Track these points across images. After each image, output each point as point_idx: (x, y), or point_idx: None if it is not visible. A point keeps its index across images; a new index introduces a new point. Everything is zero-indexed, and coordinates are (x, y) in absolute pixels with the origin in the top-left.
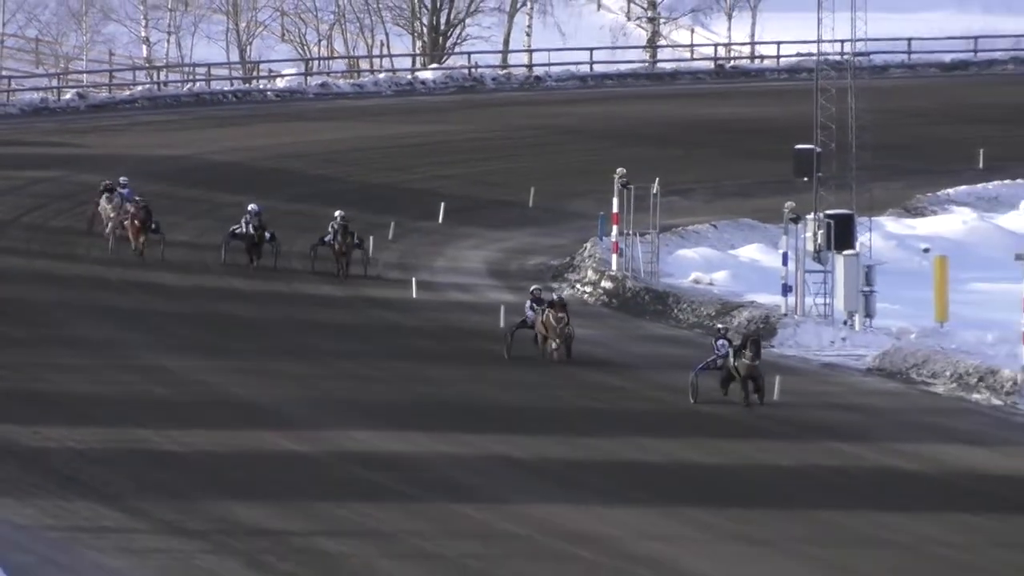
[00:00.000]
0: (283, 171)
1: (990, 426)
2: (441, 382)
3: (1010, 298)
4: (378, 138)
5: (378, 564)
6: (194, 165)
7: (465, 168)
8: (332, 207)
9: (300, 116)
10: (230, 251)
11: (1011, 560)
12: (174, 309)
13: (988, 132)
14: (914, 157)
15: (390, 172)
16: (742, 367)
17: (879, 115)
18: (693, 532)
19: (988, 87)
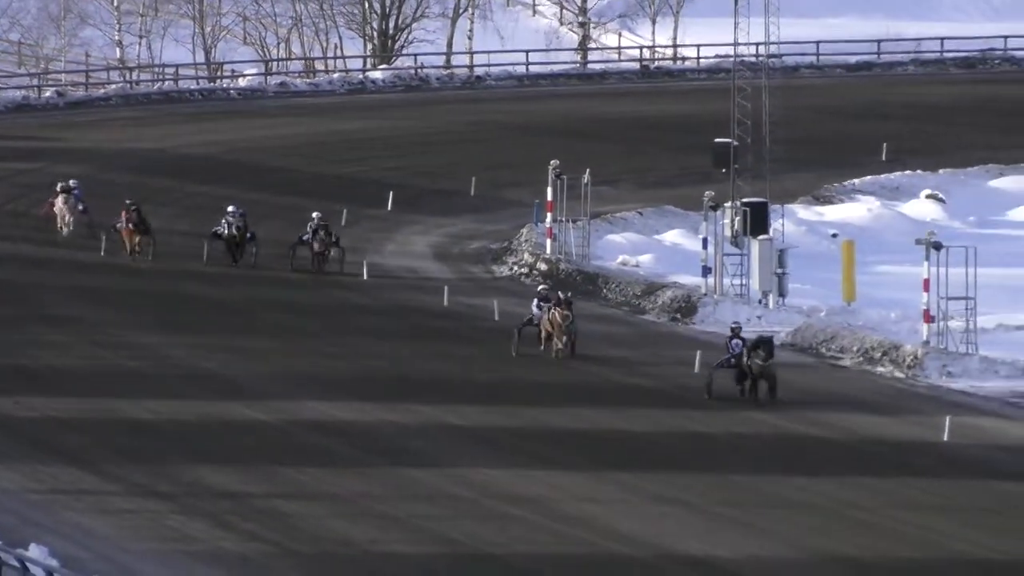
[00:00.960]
0: (245, 163)
1: (893, 397)
2: (391, 356)
3: (911, 280)
4: (332, 133)
5: (333, 524)
6: (163, 157)
7: (411, 160)
8: (290, 196)
9: (260, 113)
10: (212, 251)
11: (912, 520)
12: (146, 289)
13: (890, 127)
14: (823, 150)
15: (343, 164)
16: (755, 367)
17: (790, 112)
18: (623, 495)
19: (890, 86)
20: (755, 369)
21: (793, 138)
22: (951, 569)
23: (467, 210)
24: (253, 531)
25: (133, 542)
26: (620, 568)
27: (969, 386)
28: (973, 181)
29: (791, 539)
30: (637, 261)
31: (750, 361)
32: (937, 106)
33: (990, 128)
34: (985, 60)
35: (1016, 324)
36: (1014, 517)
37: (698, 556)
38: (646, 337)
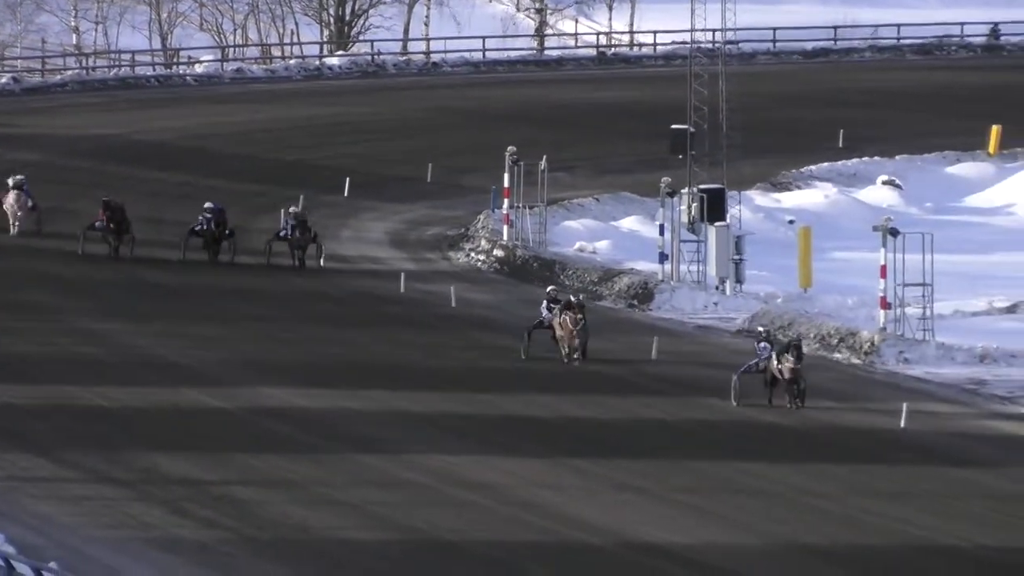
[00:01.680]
0: (202, 149)
1: (850, 383)
2: (347, 343)
3: (868, 266)
4: (289, 119)
5: (289, 511)
6: (120, 144)
7: (368, 146)
8: (247, 182)
9: (217, 99)
10: (189, 248)
11: (869, 506)
12: (105, 277)
13: (847, 114)
14: (779, 136)
15: (300, 150)
16: (786, 370)
17: (747, 98)
18: (578, 481)
19: (847, 73)
20: (786, 373)
21: (750, 125)
22: (908, 555)
23: (424, 196)
24: (210, 518)
25: (90, 529)
26: (577, 554)
27: (926, 372)
28: (930, 167)
29: (749, 525)
30: (594, 247)
31: (780, 365)
32: (894, 92)
33: (947, 114)
34: (942, 46)
35: (973, 310)
36: (970, 503)
37: (655, 542)
38: (603, 324)
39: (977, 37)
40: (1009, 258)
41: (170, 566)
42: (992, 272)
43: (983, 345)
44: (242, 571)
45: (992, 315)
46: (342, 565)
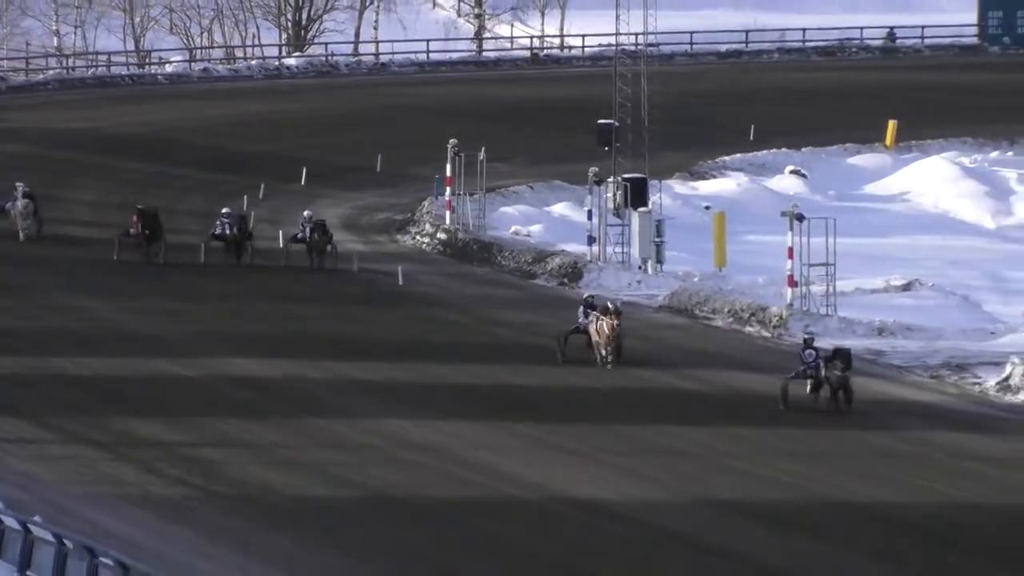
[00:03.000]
0: (172, 141)
1: (761, 354)
2: (306, 318)
3: (777, 248)
4: (251, 114)
5: (252, 470)
6: (97, 136)
7: (323, 139)
8: (213, 171)
9: (185, 96)
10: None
11: (781, 466)
12: (85, 258)
13: (757, 110)
14: (696, 130)
15: (261, 142)
16: (833, 377)
17: (667, 96)
18: (516, 443)
19: (757, 73)
20: (833, 380)
21: (669, 119)
22: (812, 508)
23: (374, 185)
24: (179, 476)
25: (70, 486)
26: (515, 509)
27: (829, 343)
28: (833, 158)
29: (671, 484)
30: (528, 231)
31: (828, 372)
32: (800, 91)
33: (848, 110)
34: (843, 48)
35: (871, 288)
36: (873, 463)
37: (585, 499)
38: (537, 300)
39: (875, 40)
40: (904, 240)
41: (143, 520)
42: (889, 253)
43: (881, 319)
44: (208, 525)
45: (889, 292)
46: (301, 519)
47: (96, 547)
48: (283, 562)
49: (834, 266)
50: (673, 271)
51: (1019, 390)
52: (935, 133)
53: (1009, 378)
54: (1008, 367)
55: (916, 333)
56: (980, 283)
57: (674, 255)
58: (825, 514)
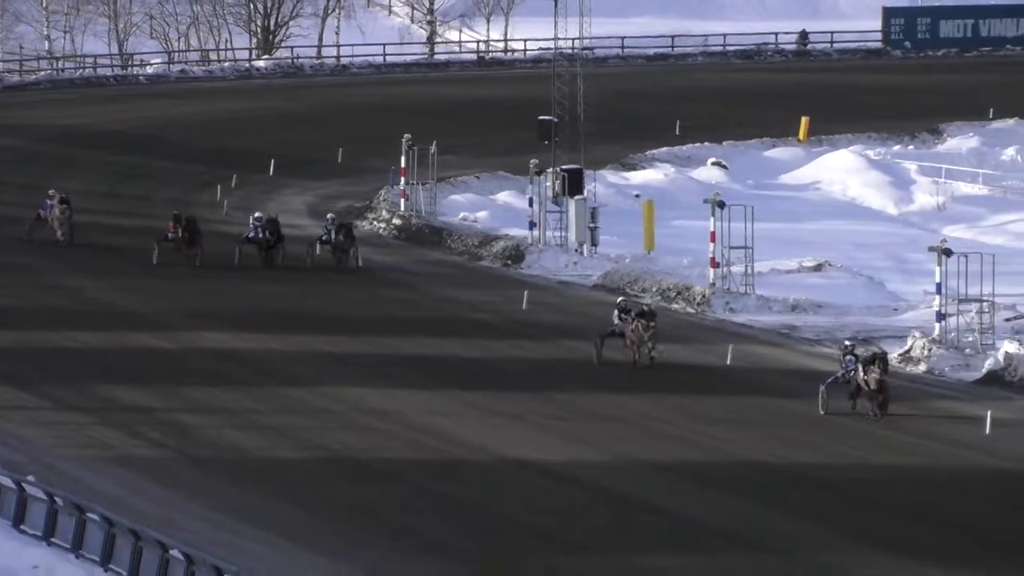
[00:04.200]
0: (152, 136)
1: (686, 328)
2: (273, 296)
3: (700, 232)
4: (224, 111)
5: (225, 434)
6: (85, 131)
7: (289, 134)
8: (190, 163)
9: (164, 95)
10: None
11: (703, 430)
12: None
13: (682, 107)
14: (627, 126)
15: (233, 137)
16: (872, 382)
17: (600, 95)
18: (463, 409)
19: (682, 74)
20: (872, 385)
21: (602, 116)
22: (734, 469)
23: (335, 175)
24: (159, 439)
25: (61, 448)
26: (464, 469)
27: (748, 320)
28: (751, 151)
29: (605, 446)
30: (475, 217)
31: (867, 377)
32: (721, 90)
33: (765, 108)
34: (760, 52)
35: (786, 269)
36: (784, 428)
37: (529, 459)
38: (483, 279)
39: (789, 45)
40: (816, 226)
41: (126, 479)
42: (802, 237)
43: (794, 297)
44: (186, 483)
45: (802, 272)
46: (269, 477)
47: (83, 503)
48: (253, 517)
49: (752, 249)
50: (606, 253)
51: (919, 361)
52: (843, 129)
53: (910, 350)
54: (909, 340)
55: (826, 309)
56: (884, 264)
57: (607, 239)
58: (749, 475)
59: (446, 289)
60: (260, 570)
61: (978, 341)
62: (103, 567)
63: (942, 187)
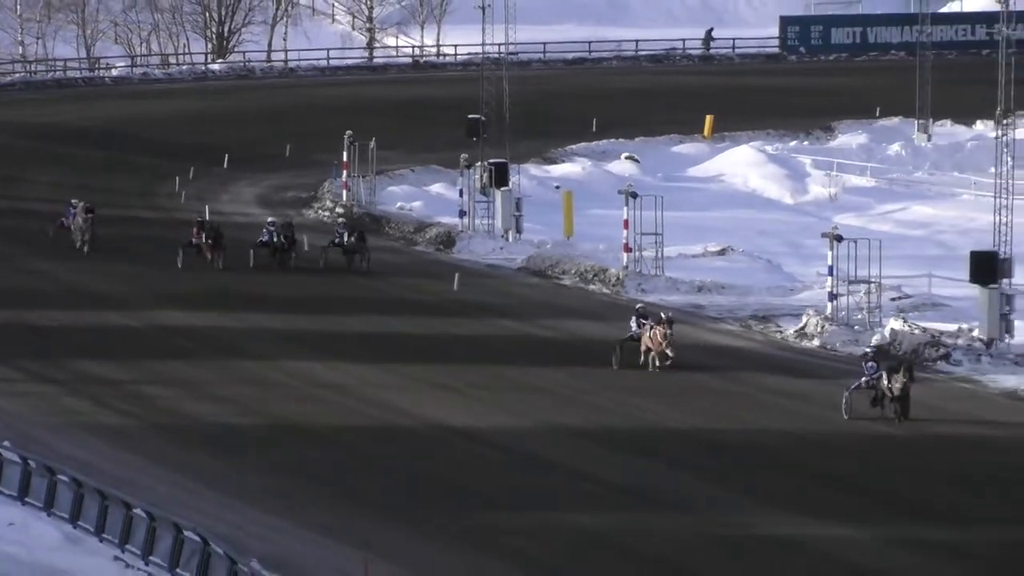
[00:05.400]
0: (117, 133)
1: (602, 308)
2: (228, 278)
3: (615, 220)
4: (182, 110)
5: (184, 403)
6: (56, 129)
7: (242, 131)
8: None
9: (129, 95)
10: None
11: (622, 399)
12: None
13: (599, 106)
14: (548, 124)
15: (191, 133)
16: (896, 389)
17: (524, 95)
18: (404, 382)
19: (598, 76)
20: (896, 391)
21: (526, 115)
22: (644, 434)
23: (283, 168)
24: (125, 408)
25: (35, 416)
26: (401, 434)
27: (658, 299)
28: (661, 146)
29: (530, 414)
30: (411, 206)
31: (891, 384)
32: (633, 90)
33: (673, 107)
34: (669, 56)
35: (692, 253)
36: (696, 398)
37: (460, 427)
38: (418, 263)
39: (695, 50)
40: (719, 214)
41: (94, 445)
42: (707, 225)
43: (700, 279)
44: (149, 448)
45: (707, 257)
46: (225, 444)
47: (55, 466)
48: (210, 479)
49: (662, 235)
50: (530, 239)
51: (813, 337)
52: (744, 126)
53: (805, 327)
54: (804, 318)
55: (729, 290)
56: (781, 249)
57: (530, 226)
58: (658, 439)
59: (385, 272)
60: (217, 527)
61: (866, 319)
62: (72, 524)
63: (834, 179)
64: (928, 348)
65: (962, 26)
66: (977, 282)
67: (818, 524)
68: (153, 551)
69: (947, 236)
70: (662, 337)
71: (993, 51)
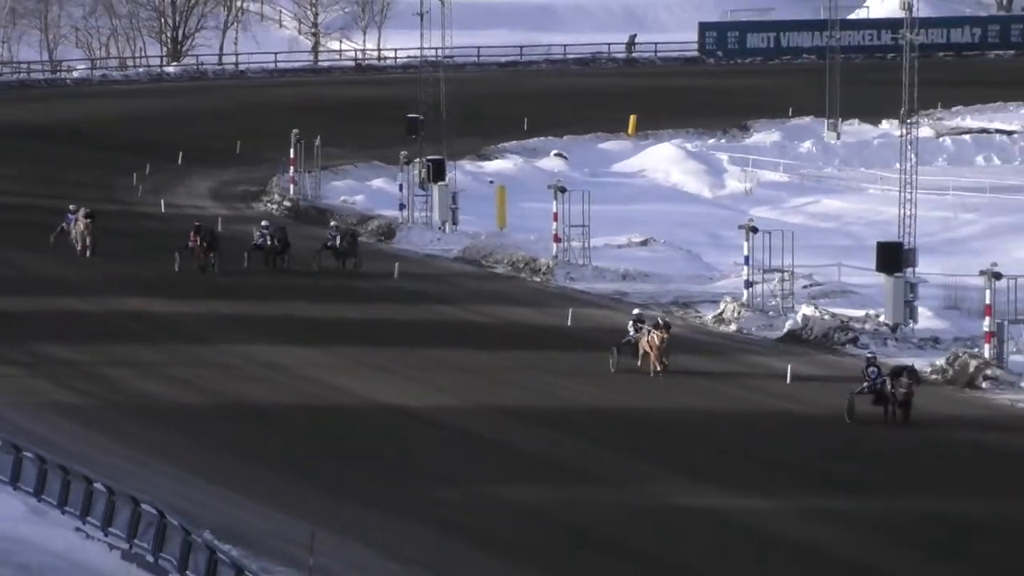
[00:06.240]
0: (78, 131)
1: (533, 295)
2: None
3: (544, 213)
4: (139, 110)
5: (140, 384)
6: (20, 127)
7: (195, 128)
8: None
9: (88, 95)
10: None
11: (547, 380)
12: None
13: (529, 107)
14: (482, 122)
15: (147, 131)
16: (899, 393)
17: (460, 96)
18: (344, 363)
19: (529, 78)
20: (899, 396)
21: (462, 114)
22: (574, 414)
23: (234, 164)
24: (84, 388)
25: None
26: (340, 412)
27: (585, 287)
28: (587, 144)
29: (461, 393)
30: (354, 200)
31: (894, 389)
32: (562, 92)
33: (599, 107)
34: (595, 60)
35: (617, 244)
36: (615, 378)
37: (395, 404)
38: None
39: (620, 54)
40: (642, 207)
41: (57, 423)
42: (631, 217)
43: (625, 268)
44: (108, 426)
45: (631, 247)
46: (178, 421)
47: (19, 443)
48: (164, 454)
49: (589, 227)
50: (465, 231)
51: (730, 322)
52: (666, 125)
53: (723, 313)
54: (722, 304)
55: (652, 278)
56: (701, 240)
57: (466, 218)
58: (577, 416)
59: (330, 261)
60: (172, 500)
61: (780, 305)
62: (36, 497)
63: (749, 175)
64: (837, 332)
65: (869, 31)
66: (883, 271)
67: (734, 496)
68: (112, 523)
69: (855, 228)
70: (659, 341)
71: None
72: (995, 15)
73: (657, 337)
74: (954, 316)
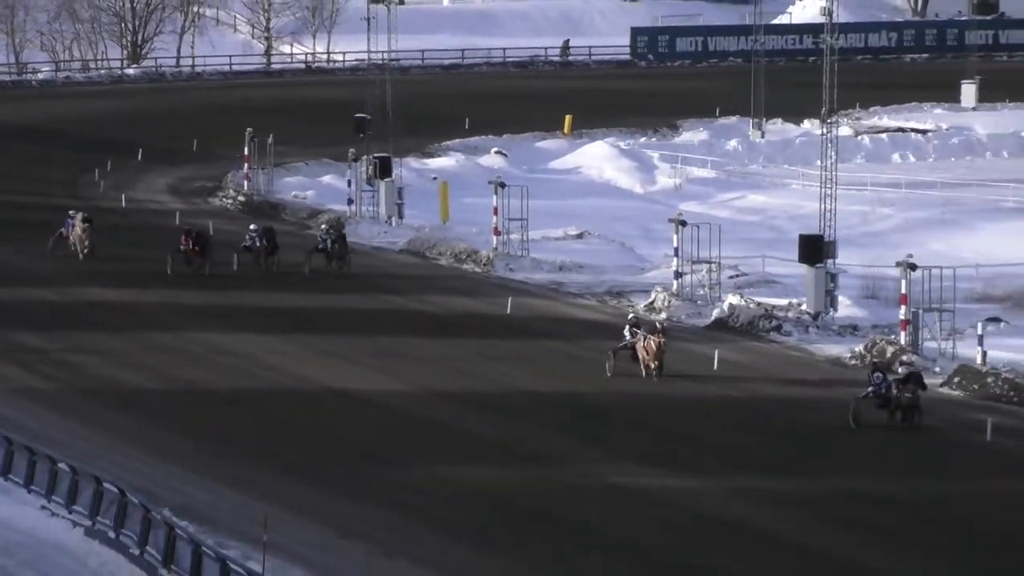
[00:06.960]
0: (43, 130)
1: (475, 285)
2: (142, 259)
3: (485, 207)
4: (101, 110)
5: (105, 370)
6: None
7: (154, 128)
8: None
9: (53, 97)
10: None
11: (491, 367)
12: None
13: (471, 106)
14: (426, 122)
15: (109, 130)
16: (905, 399)
17: (405, 97)
18: (299, 350)
19: (471, 80)
20: (905, 402)
21: (407, 114)
22: (514, 397)
23: (191, 161)
24: (51, 374)
25: None
26: (298, 397)
27: (524, 277)
28: (526, 142)
29: (411, 379)
30: (304, 195)
31: (900, 394)
32: (502, 94)
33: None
34: (532, 63)
35: (554, 236)
36: (553, 364)
37: (349, 389)
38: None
39: (556, 57)
40: (578, 202)
41: (25, 407)
42: (567, 211)
43: (561, 259)
44: (73, 409)
45: (567, 240)
46: (143, 407)
47: None
48: (128, 438)
49: (527, 220)
50: (410, 224)
51: (661, 311)
52: (600, 124)
53: (654, 302)
54: (653, 294)
55: (587, 269)
56: (633, 233)
57: (411, 212)
58: (522, 401)
59: (283, 252)
60: (133, 480)
61: (708, 295)
62: (3, 477)
63: (678, 171)
64: (762, 320)
65: (792, 36)
66: (805, 262)
67: (668, 476)
68: (76, 501)
69: (779, 221)
70: (656, 346)
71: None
72: (910, 20)
73: (654, 343)
74: (872, 305)
